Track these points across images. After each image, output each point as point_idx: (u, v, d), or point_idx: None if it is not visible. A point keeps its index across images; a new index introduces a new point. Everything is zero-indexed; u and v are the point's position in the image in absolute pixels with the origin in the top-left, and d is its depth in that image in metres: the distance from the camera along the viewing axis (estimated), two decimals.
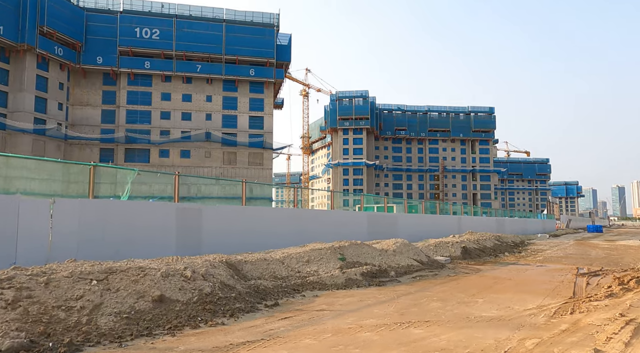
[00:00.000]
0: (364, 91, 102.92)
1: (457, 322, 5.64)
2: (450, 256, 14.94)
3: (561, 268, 12.72)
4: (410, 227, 21.83)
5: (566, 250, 20.41)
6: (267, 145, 56.00)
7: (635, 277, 10.07)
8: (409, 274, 10.27)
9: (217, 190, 54.37)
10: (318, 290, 7.94)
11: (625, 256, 17.12)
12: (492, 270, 12.18)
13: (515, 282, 9.73)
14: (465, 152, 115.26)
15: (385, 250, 11.14)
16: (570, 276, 10.71)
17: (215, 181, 54.27)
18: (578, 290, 8.52)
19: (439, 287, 8.70)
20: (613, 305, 6.85)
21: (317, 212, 16.00)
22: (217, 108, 55.19)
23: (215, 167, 54.25)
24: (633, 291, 8.38)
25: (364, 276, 8.94)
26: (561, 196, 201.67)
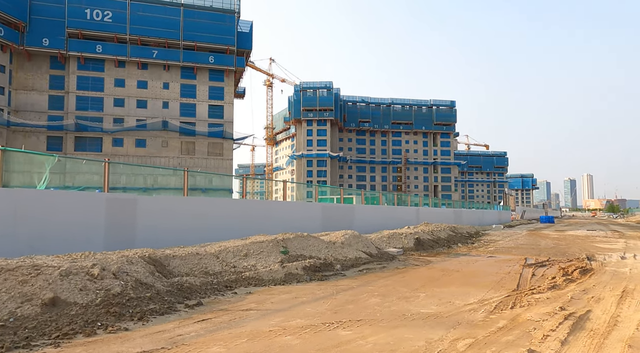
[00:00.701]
0: (328, 82, 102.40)
1: (391, 320, 5.21)
2: (403, 247, 14.72)
3: (510, 259, 12.72)
4: (368, 218, 21.59)
5: (518, 240, 20.76)
6: (227, 135, 54.57)
7: (579, 267, 10.09)
8: (356, 267, 9.86)
9: (174, 181, 52.66)
10: (254, 287, 7.37)
11: (573, 246, 17.52)
12: (443, 261, 12.00)
13: (463, 274, 9.51)
14: (427, 145, 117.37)
15: (333, 243, 10.69)
16: (517, 267, 10.64)
17: (173, 172, 52.54)
18: (523, 282, 8.36)
19: (384, 281, 8.32)
20: (555, 298, 6.65)
21: (268, 203, 15.39)
22: (174, 96, 53.16)
23: (173, 157, 52.40)
24: (576, 282, 8.30)
25: (306, 270, 8.43)
26: (517, 188, 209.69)
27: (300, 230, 14.45)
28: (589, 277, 8.99)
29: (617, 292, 7.21)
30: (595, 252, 14.82)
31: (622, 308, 6.01)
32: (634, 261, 12.02)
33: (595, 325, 5.08)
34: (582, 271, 9.72)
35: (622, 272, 9.78)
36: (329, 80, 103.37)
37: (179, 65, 52.77)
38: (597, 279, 8.72)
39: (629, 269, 10.31)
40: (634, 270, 10.09)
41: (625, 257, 12.97)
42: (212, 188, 52.58)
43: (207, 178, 53.89)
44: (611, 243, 19.03)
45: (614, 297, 6.84)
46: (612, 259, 12.51)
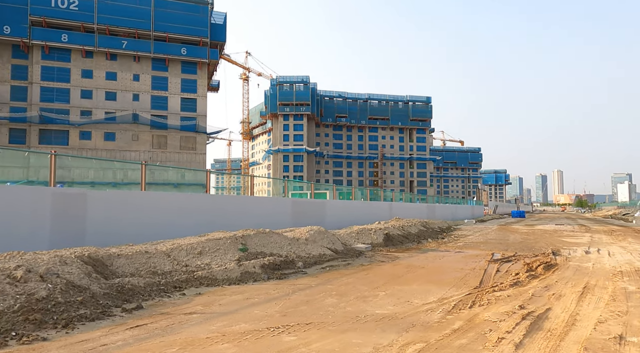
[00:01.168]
0: (305, 76, 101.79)
1: (343, 323, 4.89)
2: (371, 243, 14.49)
3: (477, 254, 12.64)
4: (339, 213, 21.34)
5: (487, 235, 20.88)
6: (200, 129, 53.46)
7: (543, 263, 10.03)
8: (319, 264, 9.53)
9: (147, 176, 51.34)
10: (206, 287, 6.94)
11: (540, 240, 17.68)
12: (410, 257, 11.81)
13: (428, 270, 9.31)
14: (404, 140, 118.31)
15: (297, 239, 10.33)
16: (483, 263, 10.52)
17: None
18: (486, 278, 8.20)
19: (345, 279, 8.01)
20: (516, 295, 6.48)
21: (235, 199, 14.91)
22: (145, 88, 51.68)
23: (144, 151, 51.01)
24: (539, 278, 8.19)
25: (265, 268, 8.05)
26: (491, 183, 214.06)
27: (270, 226, 14.04)
28: (553, 273, 8.91)
29: (578, 289, 7.10)
30: (562, 246, 14.94)
31: (582, 306, 5.86)
32: (597, 256, 12.11)
33: (553, 324, 4.89)
34: (546, 266, 9.66)
35: (585, 267, 9.77)
36: (305, 75, 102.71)
37: (150, 57, 51.28)
38: (560, 275, 8.65)
39: (592, 264, 10.32)
40: (597, 265, 10.10)
41: (589, 252, 13.08)
42: (185, 184, 51.34)
43: (180, 173, 52.52)
44: (577, 237, 19.32)
45: (575, 293, 6.71)
46: (577, 254, 12.58)
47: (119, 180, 49.66)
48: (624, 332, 4.59)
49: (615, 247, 14.50)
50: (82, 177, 47.67)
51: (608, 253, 12.55)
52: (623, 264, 10.26)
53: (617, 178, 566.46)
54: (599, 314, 5.37)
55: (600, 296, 6.52)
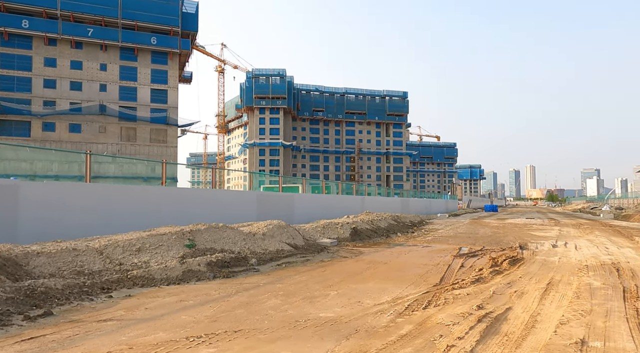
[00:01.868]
0: (282, 70, 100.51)
1: (278, 329, 4.30)
2: (338, 238, 13.98)
3: (445, 248, 12.28)
4: (309, 207, 20.77)
5: (458, 229, 20.68)
6: (171, 121, 51.88)
7: (509, 257, 9.69)
8: (275, 261, 8.92)
9: (114, 169, 49.63)
10: (140, 288, 6.24)
11: (509, 234, 17.53)
12: (375, 252, 11.33)
13: (390, 266, 8.82)
14: (380, 135, 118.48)
15: (253, 234, 9.69)
16: (448, 258, 10.13)
17: (112, 159, 49.35)
18: (448, 274, 7.76)
19: (299, 277, 7.43)
20: (476, 293, 6.02)
21: (194, 192, 14.13)
22: (113, 78, 49.73)
23: (112, 144, 49.20)
24: (503, 274, 7.80)
25: (211, 266, 7.39)
26: (466, 178, 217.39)
27: (233, 221, 13.35)
28: (518, 268, 8.56)
29: (542, 285, 6.71)
30: (530, 240, 14.77)
31: (544, 305, 5.44)
32: (564, 249, 11.90)
33: (511, 327, 4.42)
34: (512, 261, 9.32)
35: (551, 262, 9.47)
36: (282, 68, 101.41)
37: (118, 46, 49.29)
38: (525, 270, 8.29)
39: (558, 258, 10.05)
40: (563, 259, 9.83)
41: (556, 245, 12.89)
42: (155, 177, 49.85)
43: (150, 167, 51.08)
44: (546, 231, 19.31)
45: (538, 290, 6.31)
46: (544, 247, 12.36)
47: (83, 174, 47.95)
48: (587, 335, 4.15)
49: (582, 241, 14.40)
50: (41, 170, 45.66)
51: (575, 247, 12.38)
52: (589, 258, 10.03)
53: (587, 173, 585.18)
54: (562, 314, 4.94)
55: (564, 293, 6.13)
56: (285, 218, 18.26)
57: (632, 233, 17.50)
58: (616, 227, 21.95)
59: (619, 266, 8.76)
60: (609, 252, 11.15)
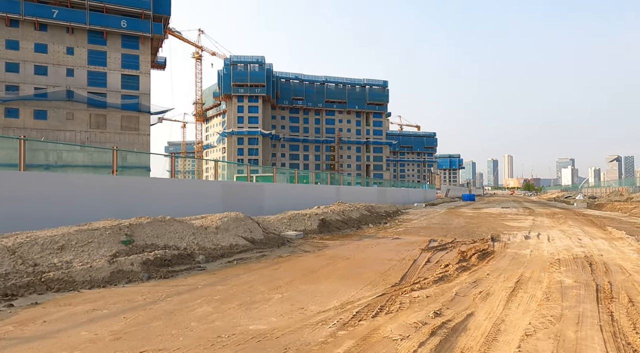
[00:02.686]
0: (260, 57, 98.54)
1: (191, 349, 3.56)
2: (304, 230, 13.28)
3: (415, 240, 11.71)
4: (280, 197, 20.00)
5: (432, 219, 20.24)
6: (143, 108, 50.13)
7: (479, 251, 9.15)
8: (227, 257, 8.16)
9: (82, 158, 47.80)
10: (55, 293, 5.41)
11: (483, 224, 17.15)
12: (340, 246, 10.67)
13: (351, 262, 8.16)
14: (360, 124, 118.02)
15: (205, 228, 8.88)
16: (416, 251, 9.53)
17: (81, 148, 47.40)
18: (411, 272, 7.13)
19: (247, 276, 6.69)
20: (437, 295, 5.39)
21: (148, 181, 13.17)
22: (81, 63, 47.60)
23: (80, 131, 47.27)
24: (470, 270, 7.21)
25: (147, 265, 6.58)
26: (445, 168, 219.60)
27: (194, 213, 12.48)
28: (487, 263, 8.00)
29: (510, 284, 6.14)
30: (503, 230, 14.35)
31: (510, 309, 4.84)
32: (536, 241, 11.46)
33: (469, 341, 3.78)
34: (482, 255, 8.78)
35: (522, 255, 8.97)
36: (261, 55, 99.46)
37: (86, 28, 47.11)
38: (495, 265, 7.74)
39: (530, 251, 9.57)
40: (534, 253, 9.34)
41: (529, 237, 12.47)
42: (127, 167, 48.23)
43: (122, 156, 49.40)
44: (520, 221, 19.02)
45: (505, 290, 5.73)
46: (517, 239, 11.91)
47: (51, 162, 46.07)
48: (555, 351, 3.54)
49: (555, 231, 14.05)
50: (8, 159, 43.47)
51: (547, 239, 11.97)
52: (561, 251, 9.58)
53: (562, 163, 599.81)
54: (529, 322, 4.34)
55: (533, 293, 5.56)
56: (254, 210, 17.50)
57: (605, 223, 17.32)
58: (589, 217, 21.88)
59: (592, 260, 8.30)
60: (581, 244, 10.76)
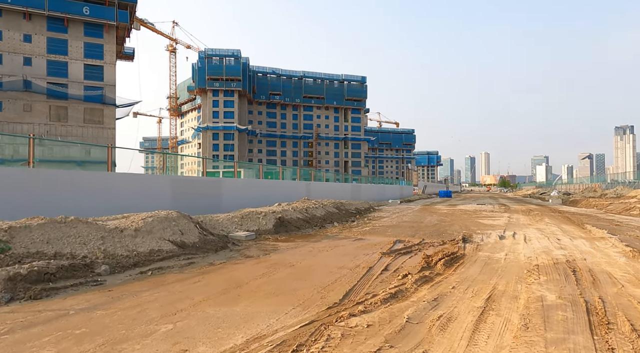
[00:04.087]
0: (236, 50, 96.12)
1: None
2: (257, 230, 11.84)
3: (378, 242, 10.42)
4: (241, 194, 18.50)
5: (404, 217, 19.06)
6: (108, 100, 47.57)
7: (447, 256, 7.89)
8: (142, 266, 6.67)
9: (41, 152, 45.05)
10: None
11: (456, 222, 16.04)
12: (292, 249, 9.28)
13: (294, 271, 6.78)
14: (339, 120, 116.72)
15: (121, 230, 7.35)
16: (376, 255, 8.22)
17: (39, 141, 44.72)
18: (362, 284, 5.78)
19: (147, 295, 5.22)
20: (381, 324, 4.04)
21: (77, 176, 11.47)
22: (40, 51, 44.74)
23: (39, 124, 44.47)
24: (432, 282, 5.91)
25: (16, 282, 5.04)
26: (424, 164, 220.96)
27: (137, 210, 10.90)
28: (454, 270, 6.74)
29: (479, 302, 4.85)
30: (477, 229, 13.23)
31: (477, 344, 3.53)
32: (512, 242, 10.31)
33: None
34: (450, 260, 7.53)
35: (496, 260, 7.76)
36: (236, 48, 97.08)
37: (45, 15, 44.26)
38: (463, 274, 6.47)
39: (505, 254, 8.37)
40: (510, 256, 8.15)
41: (504, 237, 11.33)
42: (90, 161, 45.80)
43: (85, 150, 46.91)
44: (495, 218, 18.02)
45: (472, 312, 4.44)
46: (490, 239, 10.75)
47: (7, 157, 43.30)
48: None
49: (531, 230, 12.99)
50: None
51: (524, 239, 10.84)
52: (540, 253, 8.42)
53: (536, 160, 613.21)
54: None
55: (508, 317, 4.28)
56: (211, 208, 15.94)
57: (582, 221, 16.45)
58: (565, 213, 21.11)
59: (575, 265, 7.14)
60: (561, 245, 9.64)
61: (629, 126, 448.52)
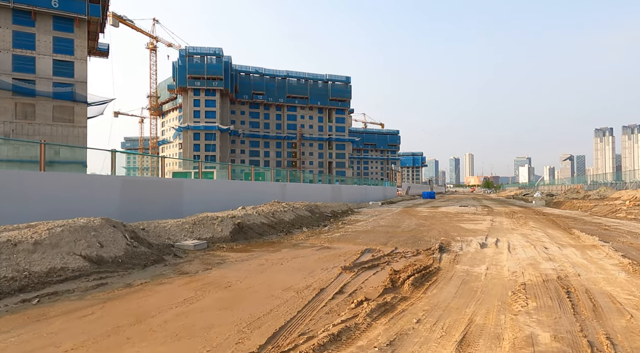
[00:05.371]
0: (218, 49, 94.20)
1: None
2: (211, 238, 10.46)
3: (345, 251, 9.14)
4: (206, 197, 17.07)
5: (381, 220, 17.84)
6: (79, 97, 45.44)
7: (418, 271, 6.63)
8: (33, 290, 5.25)
9: (5, 152, 42.83)
10: None
11: (436, 226, 14.87)
12: (244, 261, 7.94)
13: (226, 295, 5.44)
14: (323, 121, 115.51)
15: (15, 244, 5.91)
16: (335, 271, 6.93)
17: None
18: (302, 317, 4.46)
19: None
20: None
21: (5, 175, 9.92)
22: (5, 45, 42.45)
23: (4, 122, 42.17)
24: (393, 312, 4.63)
25: None
26: (409, 165, 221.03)
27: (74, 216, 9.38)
28: (424, 292, 5.48)
29: (449, 347, 3.58)
30: (456, 235, 12.04)
31: None
32: (494, 251, 9.12)
33: None
34: (421, 277, 6.27)
35: (475, 276, 6.53)
36: (218, 47, 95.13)
37: (10, 7, 42.00)
38: (434, 298, 5.21)
39: (486, 268, 7.16)
40: (492, 271, 6.93)
41: (485, 244, 10.15)
42: (59, 162, 43.64)
43: (54, 150, 44.66)
44: (477, 222, 16.91)
45: None
46: (471, 248, 9.56)
47: None
48: None
49: (516, 236, 11.86)
50: None
51: (508, 247, 9.67)
52: (526, 267, 7.23)
53: (519, 161, 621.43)
54: None
55: None
56: (170, 213, 14.45)
57: (569, 224, 15.45)
58: (550, 216, 20.16)
59: (569, 284, 5.95)
60: (549, 256, 8.48)
61: (609, 128, 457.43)
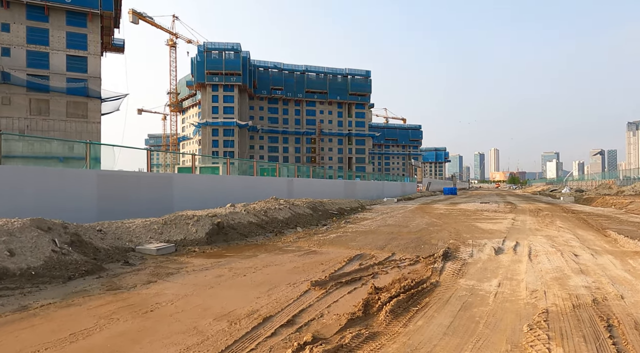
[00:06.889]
0: (236, 44, 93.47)
1: None
2: (184, 240, 9.18)
3: (332, 257, 7.72)
4: (201, 194, 15.90)
5: (389, 219, 16.26)
6: (92, 93, 45.24)
7: (407, 290, 5.15)
8: None
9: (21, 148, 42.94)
10: None
11: (448, 227, 13.24)
12: (204, 270, 6.60)
13: (134, 327, 4.10)
14: (342, 116, 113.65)
15: None
16: (302, 287, 5.50)
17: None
18: None
19: None
20: None
21: None
22: (19, 41, 42.50)
23: (19, 118, 42.29)
24: None
25: None
26: (431, 161, 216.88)
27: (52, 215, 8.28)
28: (404, 325, 4.00)
29: None
30: (469, 237, 10.41)
31: None
32: (511, 259, 7.50)
33: None
34: (408, 299, 4.78)
35: (481, 298, 4.98)
36: (236, 42, 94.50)
37: (24, 2, 41.97)
38: (415, 337, 3.72)
39: (498, 285, 5.59)
40: (505, 290, 5.36)
41: (502, 250, 8.52)
42: (74, 157, 43.55)
43: (68, 146, 44.64)
44: (497, 221, 15.16)
45: None
46: (483, 254, 7.96)
47: None
48: None
49: (539, 239, 10.14)
50: None
51: (528, 254, 8.01)
52: (550, 283, 5.62)
53: (547, 156, 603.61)
54: None
55: None
56: (157, 211, 13.27)
57: (602, 224, 13.54)
58: (580, 214, 18.17)
59: (610, 313, 4.35)
60: (580, 267, 6.82)
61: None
